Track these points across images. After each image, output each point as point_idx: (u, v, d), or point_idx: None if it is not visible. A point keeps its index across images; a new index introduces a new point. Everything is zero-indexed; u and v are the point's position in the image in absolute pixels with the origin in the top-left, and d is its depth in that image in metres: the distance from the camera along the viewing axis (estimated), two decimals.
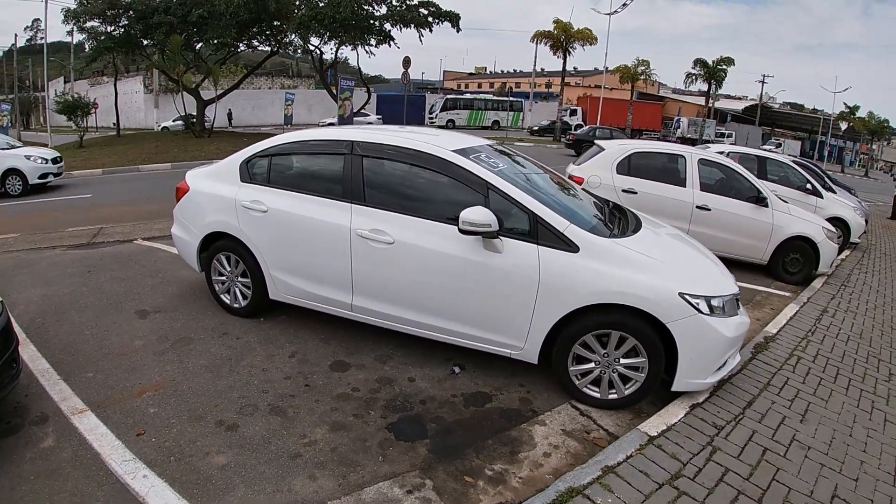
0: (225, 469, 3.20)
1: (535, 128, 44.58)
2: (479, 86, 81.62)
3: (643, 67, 45.29)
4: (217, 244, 5.07)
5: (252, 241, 4.79)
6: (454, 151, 4.25)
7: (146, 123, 40.48)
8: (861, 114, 60.79)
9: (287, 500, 2.99)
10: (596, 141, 10.28)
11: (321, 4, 23.57)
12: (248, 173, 4.93)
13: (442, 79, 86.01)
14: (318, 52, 28.03)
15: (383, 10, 25.18)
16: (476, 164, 4.16)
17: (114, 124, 33.44)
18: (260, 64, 32.27)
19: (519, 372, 4.42)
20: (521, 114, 49.00)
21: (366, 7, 24.07)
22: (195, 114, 28.32)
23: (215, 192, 5.03)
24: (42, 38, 44.12)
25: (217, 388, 4.03)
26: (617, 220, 4.63)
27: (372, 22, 25.19)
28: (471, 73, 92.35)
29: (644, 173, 8.50)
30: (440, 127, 37.52)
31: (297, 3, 24.50)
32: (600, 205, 4.91)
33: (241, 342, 4.73)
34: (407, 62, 21.85)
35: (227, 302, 5.24)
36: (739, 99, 71.35)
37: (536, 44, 40.81)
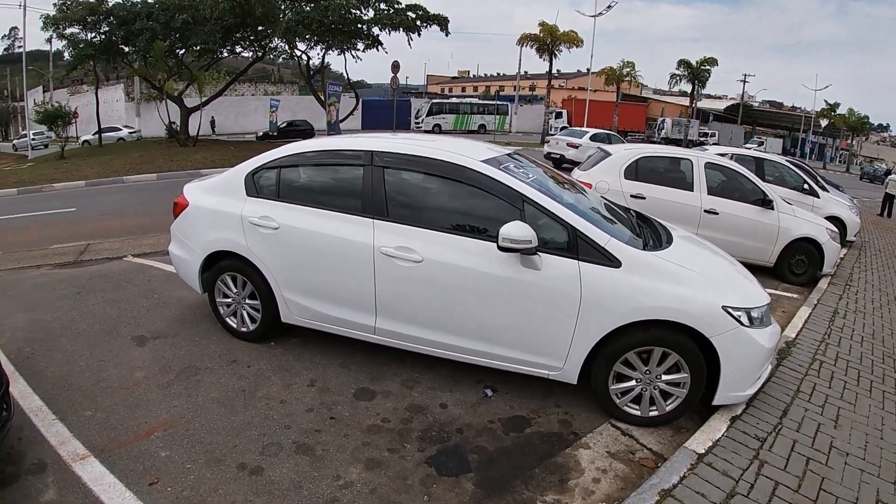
0: None
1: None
2: (463, 89, 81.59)
3: (628, 69, 45.33)
4: (221, 264, 4.70)
5: (262, 261, 4.43)
6: (483, 161, 3.99)
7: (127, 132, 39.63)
8: (841, 111, 61.42)
9: None
10: (600, 145, 10.11)
11: (308, 9, 23.09)
12: (255, 186, 4.57)
13: (426, 83, 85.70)
14: (305, 56, 27.60)
15: (371, 14, 24.77)
16: (508, 175, 3.91)
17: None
18: (245, 70, 31.72)
19: (553, 391, 4.18)
20: (507, 117, 48.85)
21: (354, 11, 23.65)
22: (178, 122, 27.71)
23: (218, 207, 4.65)
24: (20, 47, 43.41)
25: (233, 424, 3.65)
26: (648, 231, 4.45)
27: (360, 26, 24.86)
28: (454, 77, 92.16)
29: (651, 178, 8.40)
30: (426, 132, 37.26)
31: (283, 7, 24.01)
32: (623, 214, 4.68)
33: (253, 370, 4.35)
34: (396, 66, 21.49)
35: (234, 325, 4.86)
36: (720, 98, 72.04)
37: (522, 47, 40.73)
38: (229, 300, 4.80)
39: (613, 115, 45.05)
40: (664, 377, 3.70)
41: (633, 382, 3.76)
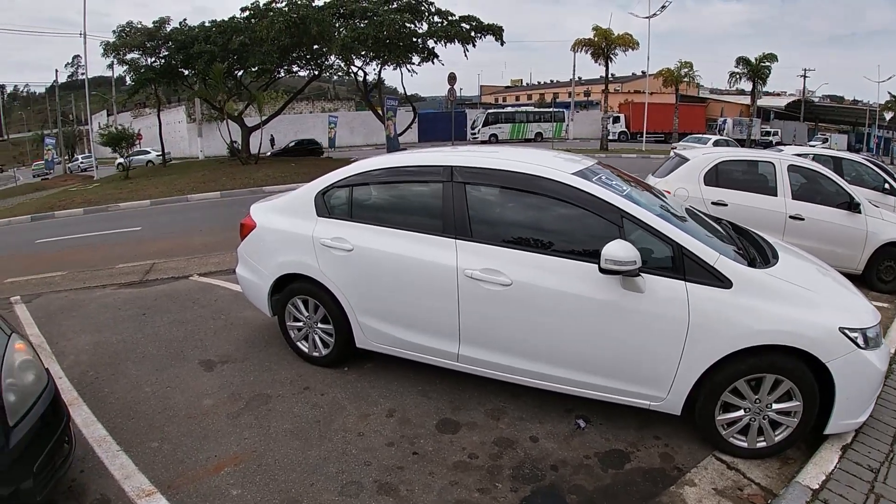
0: None
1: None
2: (517, 98, 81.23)
3: (686, 69, 43.95)
4: (292, 286, 4.45)
5: (335, 284, 4.17)
6: (574, 174, 3.63)
7: (190, 152, 40.86)
8: None
9: None
10: (676, 150, 9.57)
11: (362, 25, 23.17)
12: (326, 206, 4.33)
13: (479, 94, 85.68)
14: (362, 72, 27.70)
15: (425, 27, 24.64)
16: (603, 189, 3.54)
17: (158, 155, 33.75)
18: (302, 88, 32.14)
19: (651, 422, 3.76)
20: (564, 124, 48.17)
21: (408, 25, 23.57)
22: (239, 141, 28.23)
23: (288, 228, 4.42)
24: (83, 74, 45.24)
25: (309, 460, 3.36)
26: (748, 244, 4.03)
27: (415, 40, 24.78)
28: (507, 87, 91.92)
29: (732, 183, 7.82)
30: (482, 142, 37.12)
31: (338, 25, 24.18)
32: (717, 226, 4.22)
33: (327, 399, 4.07)
34: (452, 78, 21.31)
35: (305, 350, 4.60)
36: (779, 95, 69.09)
37: (575, 52, 39.90)
38: (300, 324, 4.55)
39: (673, 117, 43.78)
40: (775, 406, 3.34)
41: (741, 412, 3.39)
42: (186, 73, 27.29)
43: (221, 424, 3.74)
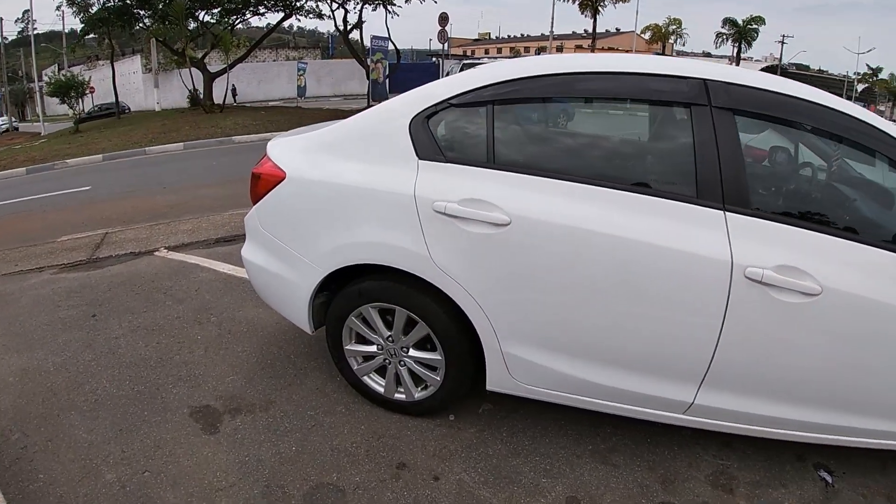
0: None
1: None
2: (486, 52, 79.01)
3: (675, 26, 42.26)
4: (362, 287, 2.53)
5: (463, 287, 2.29)
6: None
7: (146, 105, 37.49)
8: (883, 76, 58.16)
9: None
10: None
11: None
12: (435, 141, 2.37)
13: (448, 46, 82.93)
14: (343, 10, 24.85)
15: None
16: None
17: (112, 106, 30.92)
18: (271, 30, 29.28)
19: (886, 460, 2.48)
20: None
21: None
22: (201, 89, 25.46)
23: (356, 181, 2.45)
24: (36, 29, 41.73)
25: None
26: None
27: None
28: (476, 40, 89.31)
29: None
30: None
31: None
32: None
33: (447, 488, 2.25)
34: (444, 18, 19.05)
35: (379, 389, 2.74)
36: (758, 61, 68.70)
37: (554, 1, 37.65)
38: (372, 348, 2.67)
39: None
40: None
41: None
42: (143, 14, 24.19)
43: None
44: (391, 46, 24.41)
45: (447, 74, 40.64)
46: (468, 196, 2.21)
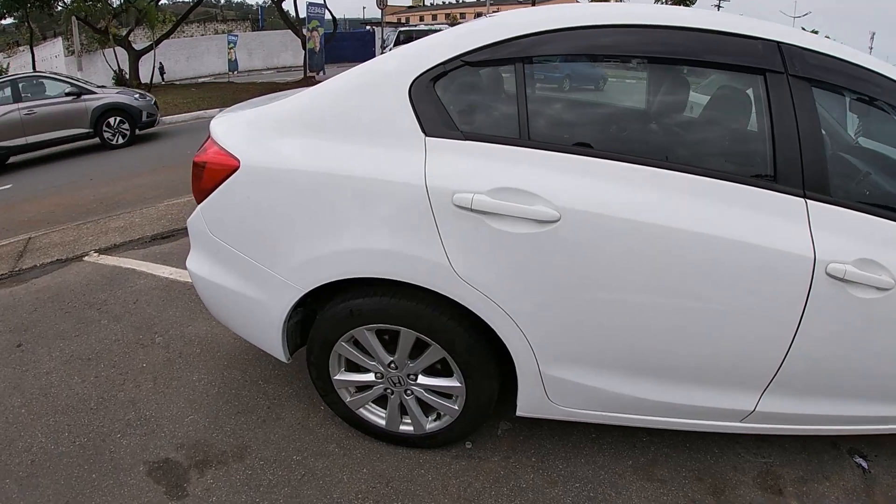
0: None
1: None
2: (421, 18, 77.77)
3: None
4: (354, 305, 1.98)
5: (496, 301, 1.81)
6: None
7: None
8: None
9: None
10: None
11: None
12: (446, 112, 1.83)
13: (382, 14, 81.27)
14: None
15: None
16: None
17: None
18: (198, 3, 27.57)
19: None
20: None
21: None
22: (126, 69, 23.79)
23: (345, 170, 1.86)
24: None
25: None
26: None
27: None
28: (410, 7, 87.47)
29: None
30: None
31: None
32: None
33: None
34: None
35: (380, 422, 2.28)
36: None
37: None
38: (368, 377, 2.16)
39: None
40: None
41: None
42: None
43: None
44: (328, 14, 23.27)
45: (383, 43, 39.60)
46: (501, 185, 1.70)
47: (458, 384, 2.02)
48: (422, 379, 2.07)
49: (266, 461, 2.21)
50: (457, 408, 2.08)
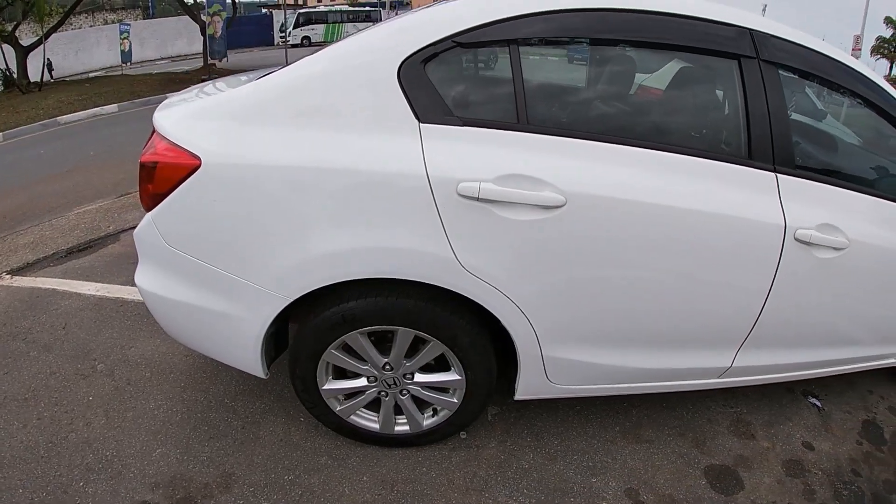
0: None
1: None
2: (319, 1, 76.21)
3: None
4: (348, 310, 1.87)
5: (503, 291, 1.82)
6: None
7: None
8: None
9: None
10: None
11: None
12: (440, 96, 1.76)
13: None
14: None
15: None
16: None
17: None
18: None
19: (855, 384, 2.89)
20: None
21: None
22: (14, 67, 22.00)
23: (330, 162, 1.72)
24: None
25: None
26: None
27: None
28: None
29: None
30: (293, 46, 33.81)
31: None
32: None
33: None
34: None
35: (373, 427, 2.22)
36: None
37: None
38: (360, 382, 2.09)
39: None
40: None
41: None
42: None
43: None
44: None
45: (282, 26, 38.11)
46: (506, 171, 1.67)
47: (458, 377, 2.02)
48: (419, 377, 2.04)
49: (256, 486, 2.06)
50: (456, 400, 2.11)
